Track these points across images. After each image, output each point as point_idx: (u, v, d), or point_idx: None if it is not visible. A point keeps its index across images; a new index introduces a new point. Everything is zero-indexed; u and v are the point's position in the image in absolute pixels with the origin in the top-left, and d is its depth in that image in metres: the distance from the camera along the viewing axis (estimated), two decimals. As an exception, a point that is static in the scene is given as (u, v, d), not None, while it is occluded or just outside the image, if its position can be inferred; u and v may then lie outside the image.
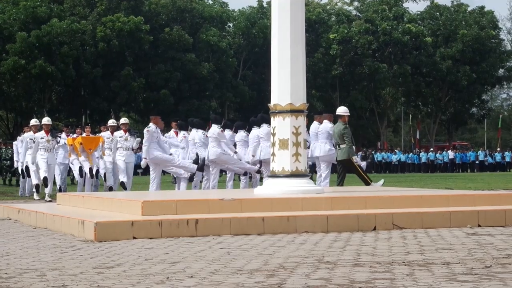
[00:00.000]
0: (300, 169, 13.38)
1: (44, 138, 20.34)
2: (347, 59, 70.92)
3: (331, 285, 6.24)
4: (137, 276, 6.80)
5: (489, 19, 75.34)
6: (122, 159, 20.47)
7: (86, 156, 20.97)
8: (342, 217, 11.16)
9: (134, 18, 60.51)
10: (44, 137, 20.36)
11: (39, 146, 20.28)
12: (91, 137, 21.60)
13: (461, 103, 76.51)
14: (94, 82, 61.07)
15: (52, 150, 20.59)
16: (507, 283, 6.18)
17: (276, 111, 13.47)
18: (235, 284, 6.32)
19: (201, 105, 64.11)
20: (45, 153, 20.28)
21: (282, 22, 13.44)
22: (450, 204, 12.42)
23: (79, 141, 21.07)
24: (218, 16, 68.15)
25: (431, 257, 7.94)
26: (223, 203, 11.50)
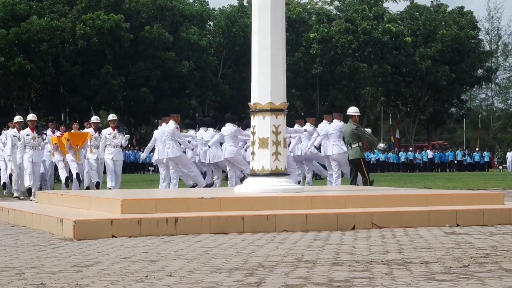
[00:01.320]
0: (280, 168, 13.38)
1: (30, 136, 19.90)
2: (327, 58, 71.05)
3: (310, 284, 6.25)
4: (116, 275, 6.78)
5: (468, 19, 75.75)
6: (110, 157, 20.20)
7: (74, 153, 20.32)
8: (321, 216, 11.18)
9: (114, 16, 60.37)
10: (30, 134, 19.91)
11: (25, 144, 19.84)
12: (78, 133, 21.11)
13: (440, 103, 76.87)
14: (74, 80, 60.86)
15: (38, 148, 20.12)
16: (485, 282, 6.21)
17: (256, 110, 13.47)
18: (214, 283, 6.32)
19: (181, 103, 64.04)
20: (30, 151, 19.86)
21: (262, 21, 13.44)
22: (428, 204, 12.46)
23: (66, 137, 20.48)
24: (199, 14, 68.13)
25: (410, 256, 7.97)
26: (202, 202, 11.49)
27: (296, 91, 71.91)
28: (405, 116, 79.47)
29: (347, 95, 73.06)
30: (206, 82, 65.87)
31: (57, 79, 61.27)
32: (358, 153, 17.91)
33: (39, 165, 20.50)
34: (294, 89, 70.60)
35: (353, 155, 17.95)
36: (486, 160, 70.38)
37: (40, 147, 20.32)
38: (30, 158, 19.82)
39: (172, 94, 64.24)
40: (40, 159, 20.48)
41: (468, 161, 68.55)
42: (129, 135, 21.36)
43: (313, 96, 74.11)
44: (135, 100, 62.49)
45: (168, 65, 62.57)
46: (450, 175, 49.77)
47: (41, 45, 58.14)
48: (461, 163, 68.10)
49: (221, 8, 72.27)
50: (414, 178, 35.60)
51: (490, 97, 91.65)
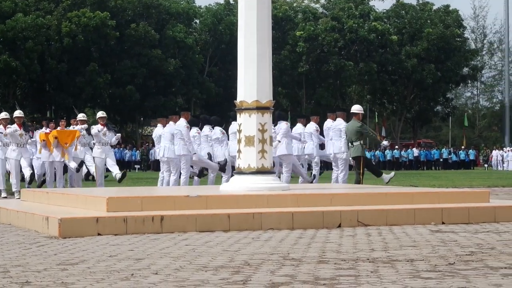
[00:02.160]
0: (266, 166, 13.39)
1: (17, 132, 19.35)
2: (313, 56, 71.08)
3: (296, 281, 6.25)
4: (101, 273, 6.77)
5: (454, 18, 75.96)
6: (103, 156, 19.83)
7: (61, 151, 19.91)
8: (307, 214, 11.19)
9: (100, 14, 60.21)
10: (17, 130, 19.37)
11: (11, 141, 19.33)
12: (67, 131, 20.58)
13: (426, 101, 77.08)
14: (59, 77, 60.67)
15: (25, 145, 19.61)
16: (470, 280, 6.24)
17: (242, 108, 13.47)
18: (200, 281, 6.31)
19: (167, 101, 63.98)
20: (17, 148, 19.35)
21: (248, 19, 13.44)
22: (414, 202, 12.50)
23: (54, 135, 19.99)
24: (185, 12, 68.03)
25: (395, 254, 7.99)
26: (188, 200, 11.48)
27: (282, 89, 71.92)
28: (391, 114, 79.64)
29: (333, 93, 73.13)
30: (192, 80, 65.80)
31: (42, 76, 61.07)
32: (359, 151, 18.22)
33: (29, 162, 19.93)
34: (280, 87, 70.60)
35: (355, 153, 18.26)
36: (472, 158, 70.63)
37: (28, 144, 19.89)
38: (18, 156, 19.34)
39: (158, 92, 64.14)
40: (28, 156, 19.99)
41: (453, 159, 68.77)
42: (120, 134, 21.15)
43: (299, 94, 74.15)
44: (121, 98, 62.36)
45: (154, 63, 62.46)
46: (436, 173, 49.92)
47: (26, 42, 57.93)
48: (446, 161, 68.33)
49: (207, 6, 72.20)
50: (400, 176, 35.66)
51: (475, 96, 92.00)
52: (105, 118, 20.43)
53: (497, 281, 6.21)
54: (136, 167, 58.21)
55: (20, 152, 19.49)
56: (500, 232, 10.27)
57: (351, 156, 18.54)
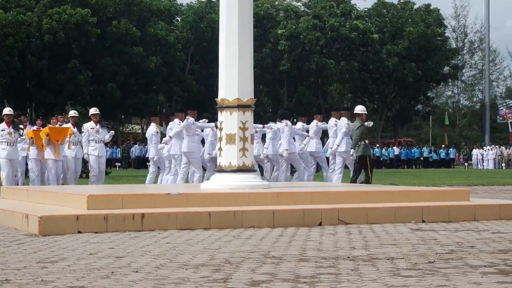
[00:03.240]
0: (247, 164, 13.40)
1: (6, 131, 18.57)
2: (295, 55, 71.12)
3: (277, 280, 6.26)
4: (81, 271, 6.75)
5: (435, 17, 76.20)
6: (96, 153, 19.35)
7: (53, 149, 19.31)
8: (288, 212, 11.20)
9: (81, 11, 59.96)
10: (6, 129, 18.60)
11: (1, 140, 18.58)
12: (59, 128, 19.91)
13: (407, 100, 77.30)
14: (40, 74, 60.39)
15: (15, 144, 18.81)
16: (449, 278, 6.26)
17: (223, 106, 13.47)
18: (180, 279, 6.30)
19: (148, 99, 63.84)
20: (7, 147, 18.57)
21: (230, 17, 13.43)
22: (395, 200, 12.53)
23: (45, 132, 19.29)
24: (166, 10, 67.88)
25: (376, 252, 8.01)
26: (169, 198, 11.46)
27: (263, 87, 71.92)
28: (372, 113, 79.79)
29: (314, 92, 73.21)
30: (174, 78, 65.68)
31: (23, 73, 60.73)
32: (364, 150, 18.59)
33: (16, 162, 19.17)
34: (262, 85, 70.59)
35: (360, 152, 18.59)
36: (452, 157, 70.91)
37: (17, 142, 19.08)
38: (8, 156, 18.59)
39: (139, 90, 63.97)
40: (17, 156, 19.16)
41: (434, 158, 69.02)
42: (113, 131, 20.92)
43: (281, 93, 74.17)
44: (102, 95, 62.13)
45: (135, 61, 62.28)
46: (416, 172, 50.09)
47: (7, 39, 57.61)
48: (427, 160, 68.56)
49: (189, 4, 72.08)
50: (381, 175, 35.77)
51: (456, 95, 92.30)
52: (98, 115, 19.84)
53: (476, 279, 6.23)
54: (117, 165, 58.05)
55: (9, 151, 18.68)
56: (479, 231, 10.32)
57: (356, 155, 18.81)
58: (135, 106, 64.19)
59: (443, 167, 65.52)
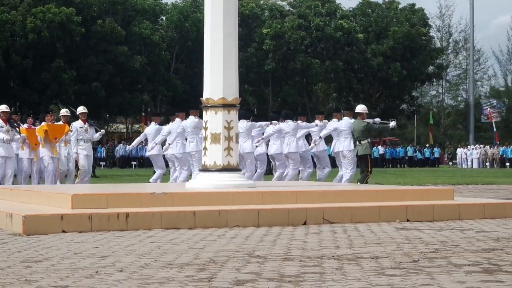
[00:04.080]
0: (232, 163, 13.40)
1: (4, 128, 18.32)
2: (280, 54, 71.14)
3: (261, 279, 6.26)
4: (65, 270, 6.73)
5: (420, 16, 76.39)
6: (85, 152, 19.18)
7: (50, 147, 19.00)
8: (273, 211, 11.20)
9: (66, 9, 59.73)
10: (4, 126, 18.36)
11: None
12: (57, 125, 19.54)
13: (392, 99, 77.45)
14: (24, 73, 60.12)
15: (10, 142, 18.50)
16: (434, 277, 6.28)
17: (208, 105, 13.46)
18: (165, 278, 6.29)
19: (133, 98, 63.72)
20: (3, 145, 18.26)
21: (215, 16, 13.43)
22: (379, 199, 12.56)
23: (43, 128, 18.98)
24: (151, 9, 67.73)
25: (360, 251, 8.02)
26: (154, 197, 11.45)
27: (248, 87, 71.90)
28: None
29: (299, 91, 73.26)
30: (159, 77, 65.56)
31: (7, 72, 60.44)
32: (367, 149, 18.89)
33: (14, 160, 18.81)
34: (247, 85, 70.58)
35: (362, 151, 18.87)
36: (437, 156, 71.10)
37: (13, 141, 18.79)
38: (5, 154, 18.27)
39: (124, 89, 63.83)
40: (13, 154, 18.78)
41: (418, 157, 69.18)
42: (103, 130, 20.77)
43: (266, 92, 74.18)
44: (87, 95, 61.91)
45: (120, 60, 62.12)
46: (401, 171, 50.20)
47: (-10, 38, 57.42)
48: (411, 159, 68.71)
49: (173, 3, 71.97)
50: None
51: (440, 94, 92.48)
52: (86, 114, 19.67)
53: (460, 278, 6.25)
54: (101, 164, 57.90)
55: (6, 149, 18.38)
56: (464, 230, 10.35)
57: (358, 154, 19.06)
58: (120, 105, 64.03)
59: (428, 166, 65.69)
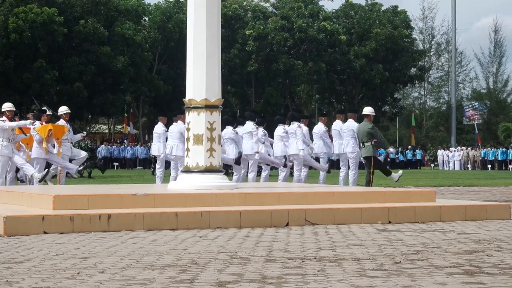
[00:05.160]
0: (214, 164, 13.39)
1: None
2: (263, 55, 71.19)
3: (243, 280, 6.26)
4: (47, 272, 6.70)
5: (402, 18, 76.63)
6: (68, 153, 19.00)
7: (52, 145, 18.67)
8: (255, 212, 11.20)
9: (48, 10, 59.54)
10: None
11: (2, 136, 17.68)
12: (59, 125, 19.25)
13: (374, 101, 77.56)
14: (6, 74, 59.84)
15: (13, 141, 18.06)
16: (415, 279, 6.29)
17: (191, 106, 13.45)
18: (147, 280, 6.28)
19: (116, 98, 63.55)
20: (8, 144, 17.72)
21: (198, 17, 13.42)
22: (361, 201, 12.59)
23: (48, 128, 18.56)
24: (134, 9, 67.61)
25: (342, 253, 8.03)
26: (136, 198, 11.42)
27: (231, 88, 71.91)
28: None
29: (282, 92, 73.34)
30: (141, 78, 65.45)
31: (-12, 73, 60.25)
32: (371, 151, 18.97)
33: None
34: (230, 86, 70.58)
35: (366, 153, 18.99)
36: (418, 158, 71.31)
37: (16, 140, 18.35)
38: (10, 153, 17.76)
39: (106, 90, 63.67)
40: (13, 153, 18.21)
41: (400, 158, 69.36)
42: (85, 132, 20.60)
43: (249, 93, 74.21)
44: (69, 95, 61.70)
45: (102, 60, 61.97)
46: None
47: (-28, 38, 57.16)
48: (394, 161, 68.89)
49: (156, 4, 71.91)
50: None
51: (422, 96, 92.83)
52: (69, 114, 19.49)
53: (442, 279, 6.28)
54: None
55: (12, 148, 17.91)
56: (445, 231, 10.39)
57: (362, 156, 19.20)
58: (102, 106, 63.86)
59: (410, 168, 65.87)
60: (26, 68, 59.99)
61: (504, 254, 7.97)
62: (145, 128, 75.04)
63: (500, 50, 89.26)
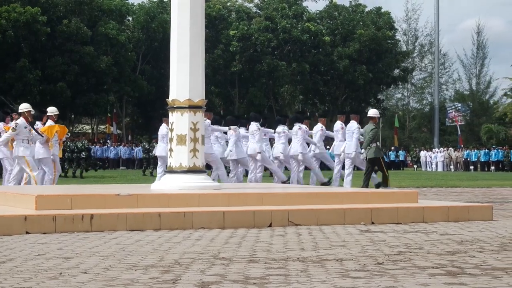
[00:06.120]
0: (198, 165, 13.38)
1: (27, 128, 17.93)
2: (247, 56, 71.20)
3: (226, 281, 6.25)
4: (29, 272, 6.68)
5: (386, 20, 76.82)
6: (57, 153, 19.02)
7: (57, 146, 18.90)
8: (238, 213, 11.20)
9: (31, 9, 59.30)
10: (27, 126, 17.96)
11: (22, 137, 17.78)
12: (62, 127, 19.42)
13: (358, 102, 77.78)
14: (-12, 73, 59.65)
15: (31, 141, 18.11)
16: (398, 280, 6.31)
17: (174, 106, 13.43)
18: (129, 280, 6.27)
19: (99, 98, 63.38)
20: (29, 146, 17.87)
21: (181, 17, 13.40)
22: (344, 202, 12.60)
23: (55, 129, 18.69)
24: (117, 9, 67.47)
25: (325, 253, 8.04)
26: (119, 198, 11.39)
27: (215, 88, 71.88)
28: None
29: (266, 93, 73.36)
30: (125, 78, 65.32)
31: (-29, 72, 59.96)
32: (377, 152, 19.22)
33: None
34: (213, 86, 70.55)
35: (372, 154, 19.18)
36: (401, 159, 71.48)
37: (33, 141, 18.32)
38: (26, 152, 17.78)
39: (90, 89, 63.49)
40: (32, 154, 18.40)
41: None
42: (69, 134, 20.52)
43: (232, 94, 74.19)
44: (52, 95, 61.49)
45: (86, 60, 61.78)
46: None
47: (-45, 37, 56.83)
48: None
49: (140, 3, 71.76)
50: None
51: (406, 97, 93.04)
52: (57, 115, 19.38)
53: (424, 280, 6.29)
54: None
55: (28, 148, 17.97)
56: (428, 232, 10.42)
57: (367, 157, 19.32)
58: (85, 105, 63.67)
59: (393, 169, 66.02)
60: (8, 67, 59.75)
61: (486, 255, 8.01)
62: (128, 128, 74.91)
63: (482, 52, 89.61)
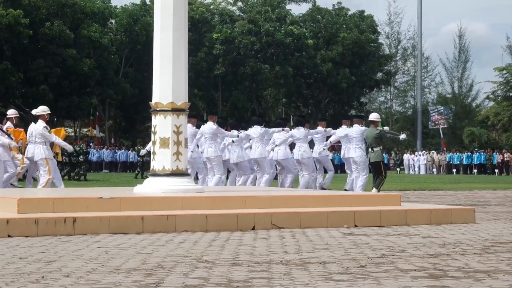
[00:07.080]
0: (181, 168, 13.35)
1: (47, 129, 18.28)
2: (230, 59, 71.23)
3: (209, 284, 6.25)
4: (11, 275, 6.65)
5: (369, 23, 77.07)
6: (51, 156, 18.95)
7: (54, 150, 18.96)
8: (221, 216, 11.19)
9: (13, 11, 59.04)
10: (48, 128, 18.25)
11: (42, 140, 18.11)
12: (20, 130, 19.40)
13: (341, 105, 77.99)
14: (-29, 76, 59.36)
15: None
16: (380, 282, 6.32)
17: (157, 109, 13.41)
18: (112, 283, 6.25)
19: (82, 101, 63.20)
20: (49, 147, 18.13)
21: (164, 20, 13.39)
22: (327, 205, 12.61)
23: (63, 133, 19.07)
24: (100, 12, 67.30)
25: (308, 256, 8.05)
26: (101, 201, 11.36)
27: (198, 91, 71.85)
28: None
29: (249, 96, 73.41)
30: (107, 81, 65.17)
31: (-47, 74, 59.64)
32: (380, 156, 19.62)
33: None
34: (196, 89, 70.52)
35: (375, 158, 19.58)
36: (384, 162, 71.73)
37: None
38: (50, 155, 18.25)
39: (72, 92, 63.29)
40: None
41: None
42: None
43: (215, 97, 74.18)
44: (34, 98, 61.19)
45: (68, 63, 61.59)
46: (349, 177, 50.40)
47: None
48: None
49: (123, 6, 71.64)
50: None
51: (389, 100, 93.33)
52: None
53: (407, 283, 6.31)
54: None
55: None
56: (410, 235, 10.45)
57: (370, 161, 19.68)
58: (68, 108, 63.46)
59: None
60: (-10, 70, 59.48)
61: (468, 257, 8.03)
62: (111, 131, 74.73)
63: (464, 55, 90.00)
